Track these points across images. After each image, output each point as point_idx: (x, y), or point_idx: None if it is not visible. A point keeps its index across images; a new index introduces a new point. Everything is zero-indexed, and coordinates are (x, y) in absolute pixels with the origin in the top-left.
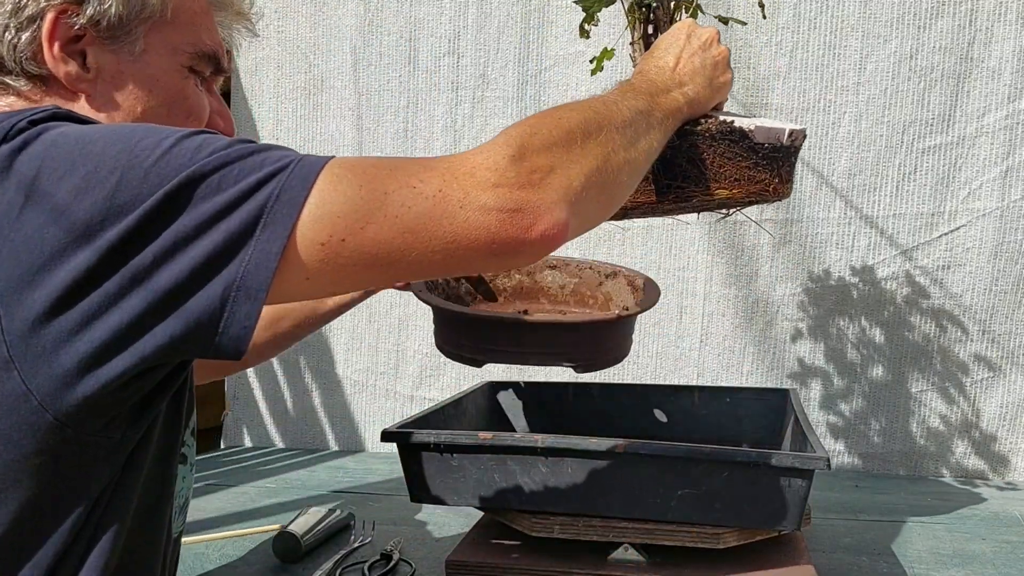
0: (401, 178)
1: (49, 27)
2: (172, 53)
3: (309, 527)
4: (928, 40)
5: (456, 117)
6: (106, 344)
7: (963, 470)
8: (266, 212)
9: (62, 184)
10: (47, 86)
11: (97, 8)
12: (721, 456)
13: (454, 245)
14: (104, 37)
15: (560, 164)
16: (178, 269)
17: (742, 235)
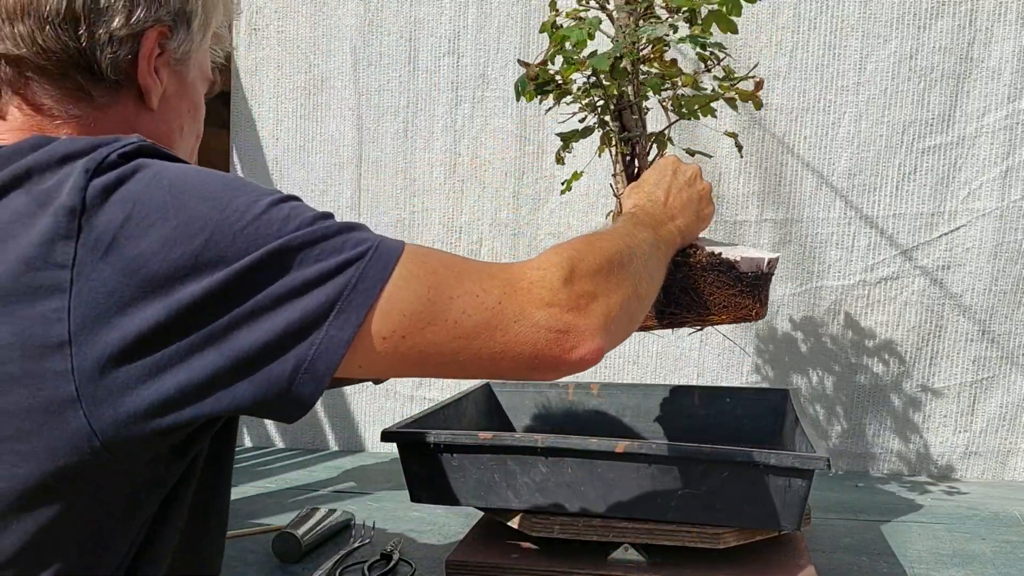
0: (466, 284)
1: (150, 45)
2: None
3: (309, 527)
4: (928, 40)
5: (456, 117)
6: (173, 397)
7: (963, 470)
8: (342, 298)
9: (150, 233)
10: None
11: (182, 36)
12: (721, 456)
13: (501, 355)
14: (175, 61)
15: (602, 292)
16: (253, 338)
17: (742, 235)
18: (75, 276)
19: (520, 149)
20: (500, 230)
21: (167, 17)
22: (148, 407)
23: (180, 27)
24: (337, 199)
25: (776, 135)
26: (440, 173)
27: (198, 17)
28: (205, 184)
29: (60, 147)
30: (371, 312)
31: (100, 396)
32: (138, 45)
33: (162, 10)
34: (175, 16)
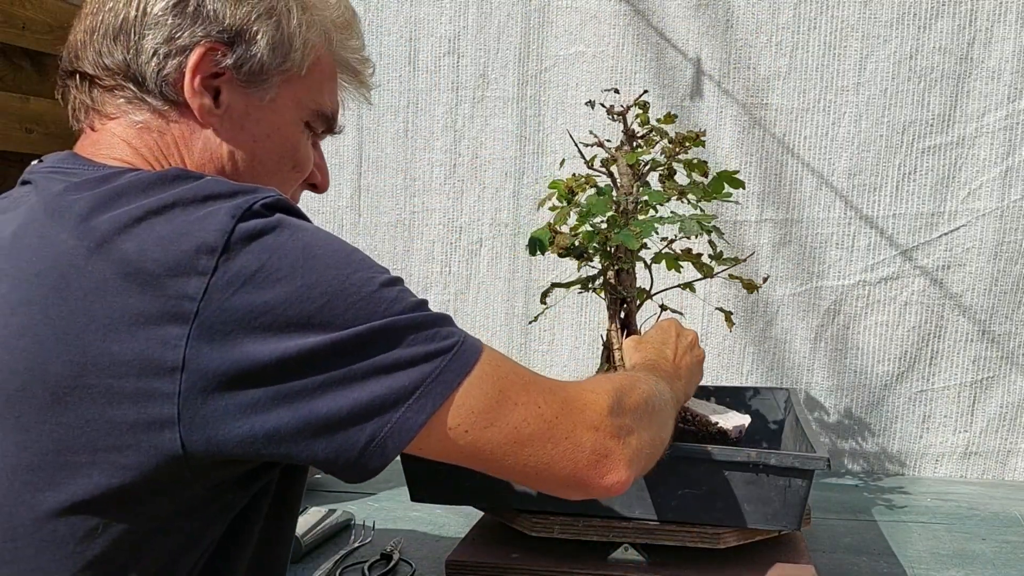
0: (531, 395)
1: (196, 60)
2: (296, 106)
3: (309, 527)
4: (928, 40)
5: (456, 117)
6: (259, 437)
7: (963, 470)
8: (424, 384)
9: (278, 286)
10: (180, 111)
11: (244, 54)
12: (721, 456)
13: (545, 467)
14: (242, 80)
15: (638, 427)
16: (340, 402)
17: (742, 235)
18: (201, 309)
19: (520, 149)
20: (500, 230)
21: (219, 34)
22: (236, 440)
23: (239, 45)
24: (337, 199)
25: (776, 135)
26: (440, 173)
27: (267, 36)
28: (334, 253)
29: (205, 186)
30: (447, 402)
31: (197, 422)
32: (186, 59)
33: (213, 27)
34: (232, 34)
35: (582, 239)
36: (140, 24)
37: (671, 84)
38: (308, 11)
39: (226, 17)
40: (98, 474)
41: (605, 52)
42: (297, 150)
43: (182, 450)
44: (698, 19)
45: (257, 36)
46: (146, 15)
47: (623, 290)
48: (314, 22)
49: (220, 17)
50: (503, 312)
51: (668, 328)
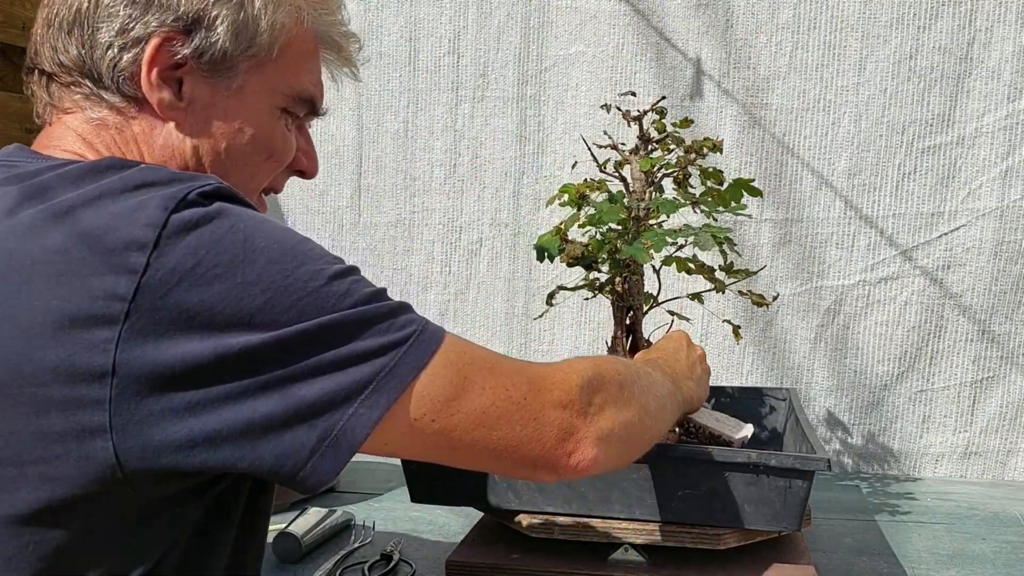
0: (497, 378)
1: (151, 52)
2: (269, 93)
3: (309, 527)
4: (928, 40)
5: (456, 117)
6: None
7: (963, 470)
8: (377, 379)
9: (215, 284)
10: (139, 106)
11: (204, 41)
12: (721, 457)
13: (515, 448)
14: (204, 69)
15: (612, 406)
16: (287, 400)
17: (742, 235)
18: (132, 310)
19: (520, 149)
20: (500, 230)
21: (174, 23)
22: (174, 445)
23: (197, 32)
24: (337, 199)
25: (776, 135)
26: (440, 173)
27: (227, 21)
28: (277, 245)
29: (138, 174)
30: (404, 395)
31: (131, 428)
32: (142, 51)
33: (168, 15)
34: (188, 21)
35: (591, 248)
36: (93, 16)
37: (671, 84)
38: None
39: (181, 3)
40: (28, 488)
41: (605, 52)
42: (272, 140)
43: (115, 459)
44: (698, 19)
45: (216, 21)
46: (98, 6)
47: (630, 298)
48: (283, 2)
49: (175, 4)
50: (503, 312)
51: (679, 339)
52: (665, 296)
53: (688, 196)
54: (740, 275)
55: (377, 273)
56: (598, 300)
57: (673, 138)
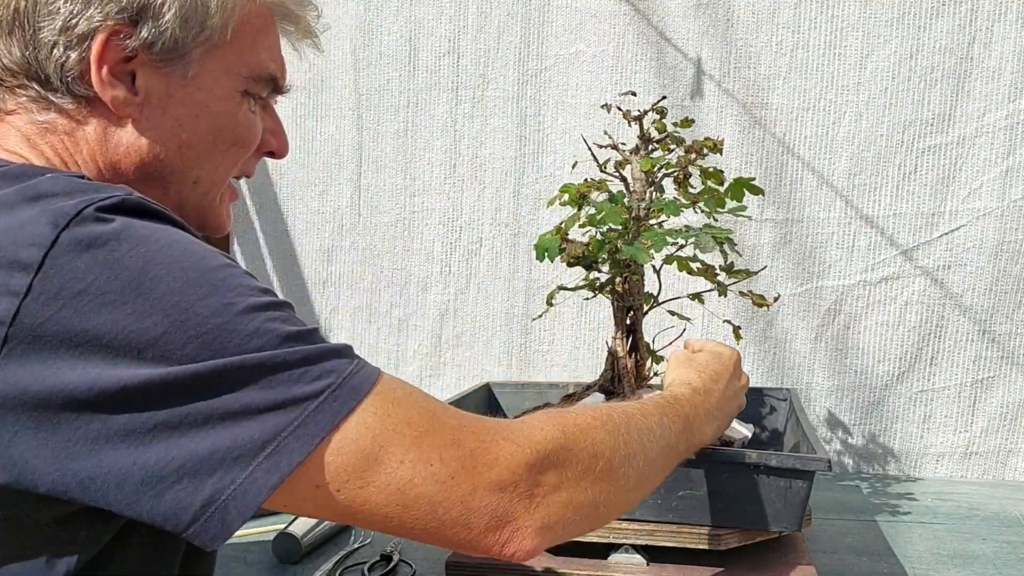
0: (424, 450)
1: (99, 48)
2: (226, 76)
3: (309, 528)
4: (928, 40)
5: (456, 117)
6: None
7: (963, 470)
8: (279, 438)
9: (103, 313)
10: (92, 107)
11: (153, 31)
12: (721, 457)
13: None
14: (156, 60)
15: (571, 486)
16: (171, 451)
17: (742, 235)
18: (9, 335)
19: (520, 148)
20: (500, 229)
21: (119, 14)
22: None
23: (145, 21)
24: (337, 199)
25: (776, 135)
26: (440, 172)
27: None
28: (181, 272)
29: (41, 185)
30: (310, 459)
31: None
32: (89, 48)
33: (112, 6)
34: (134, 11)
35: (592, 248)
36: (32, 14)
37: (671, 83)
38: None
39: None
40: None
41: (605, 52)
42: (236, 126)
43: None
44: (698, 18)
45: (164, 8)
46: (37, 4)
47: (631, 298)
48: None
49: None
50: (503, 312)
51: (729, 360)
52: (665, 296)
53: (689, 196)
54: (741, 275)
55: (377, 273)
56: (598, 300)
57: (673, 138)
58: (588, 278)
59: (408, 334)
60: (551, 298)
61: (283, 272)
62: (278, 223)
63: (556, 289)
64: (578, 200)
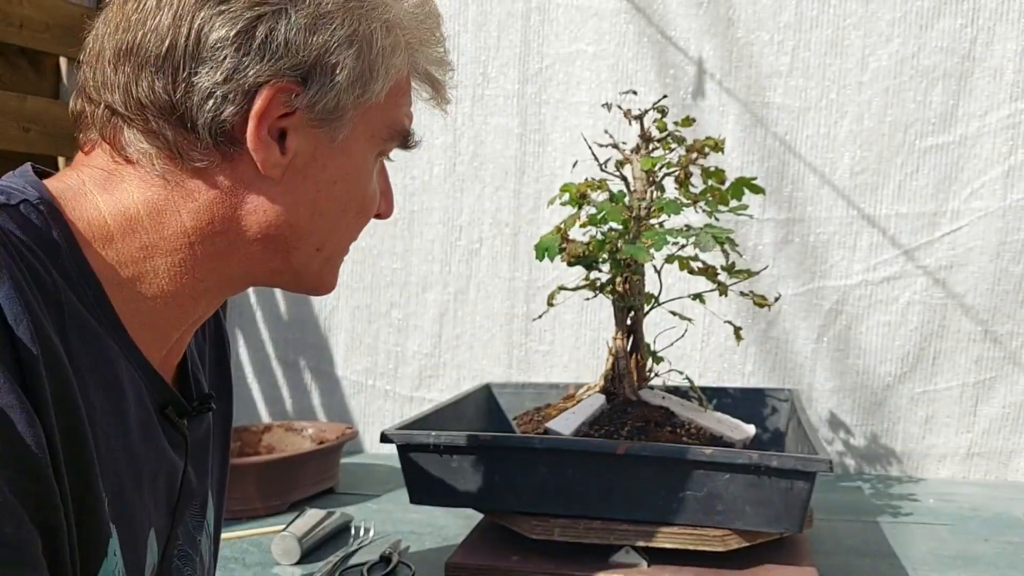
0: None
1: (263, 105)
2: (370, 140)
3: (308, 528)
4: (930, 39)
5: (456, 115)
6: None
7: (965, 471)
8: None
9: None
10: (229, 162)
11: (319, 91)
12: (723, 458)
13: None
14: (313, 120)
15: None
16: None
17: (744, 235)
18: None
19: (520, 147)
20: (500, 229)
21: (291, 71)
22: None
23: (314, 80)
24: None
25: (778, 134)
26: (440, 171)
27: (347, 68)
28: None
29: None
30: None
31: None
32: (250, 103)
33: (284, 62)
34: (307, 69)
35: (592, 248)
36: (193, 56)
37: (672, 82)
38: (392, 32)
39: (300, 49)
40: None
41: (606, 50)
42: (366, 192)
43: None
44: (700, 17)
45: (336, 70)
46: (200, 44)
47: (631, 298)
48: (399, 44)
49: (293, 50)
50: (503, 312)
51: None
52: (666, 296)
53: (690, 196)
54: (742, 275)
55: (377, 273)
56: (598, 300)
57: (674, 137)
58: (588, 278)
59: (408, 334)
60: (551, 298)
61: None
62: None
63: (556, 289)
64: (578, 200)
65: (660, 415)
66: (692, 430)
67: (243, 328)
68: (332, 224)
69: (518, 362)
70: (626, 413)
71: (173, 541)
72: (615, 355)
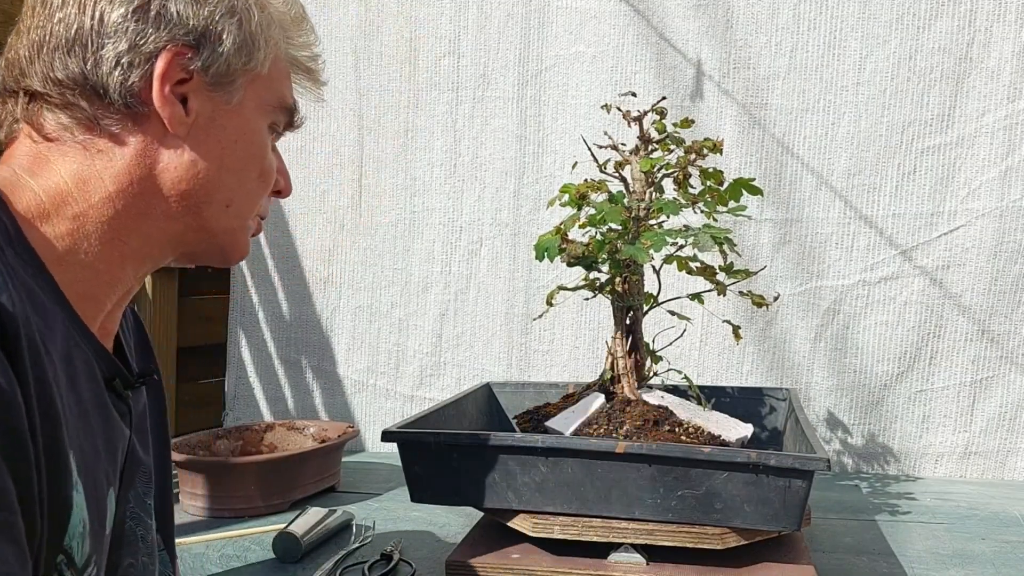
0: None
1: (164, 67)
2: (260, 108)
3: (309, 527)
4: (927, 40)
5: (456, 117)
6: None
7: (962, 470)
8: None
9: None
10: (140, 124)
11: (211, 54)
12: (721, 457)
13: None
14: (209, 83)
15: None
16: None
17: (742, 235)
18: None
19: (520, 149)
20: (500, 230)
21: (185, 36)
22: None
23: (205, 46)
24: (338, 199)
25: (775, 135)
26: (440, 173)
27: (232, 35)
28: None
29: None
30: None
31: None
32: (151, 67)
33: (177, 29)
34: (198, 35)
35: (592, 248)
36: (98, 33)
37: (671, 84)
38: (265, 9)
39: (190, 18)
40: None
41: (605, 52)
42: (264, 157)
43: None
44: (698, 19)
45: (222, 36)
46: (104, 23)
47: (630, 298)
48: (272, 20)
49: (184, 19)
50: (503, 312)
51: None
52: (665, 296)
53: (688, 196)
54: (740, 275)
55: (378, 273)
56: (598, 300)
57: (673, 138)
58: (588, 278)
59: (408, 334)
60: (551, 298)
61: (284, 272)
62: (279, 223)
63: (556, 289)
64: (578, 200)
65: (659, 414)
66: (690, 429)
67: (245, 328)
68: (238, 181)
69: (518, 361)
70: (625, 412)
71: (124, 503)
72: (614, 354)
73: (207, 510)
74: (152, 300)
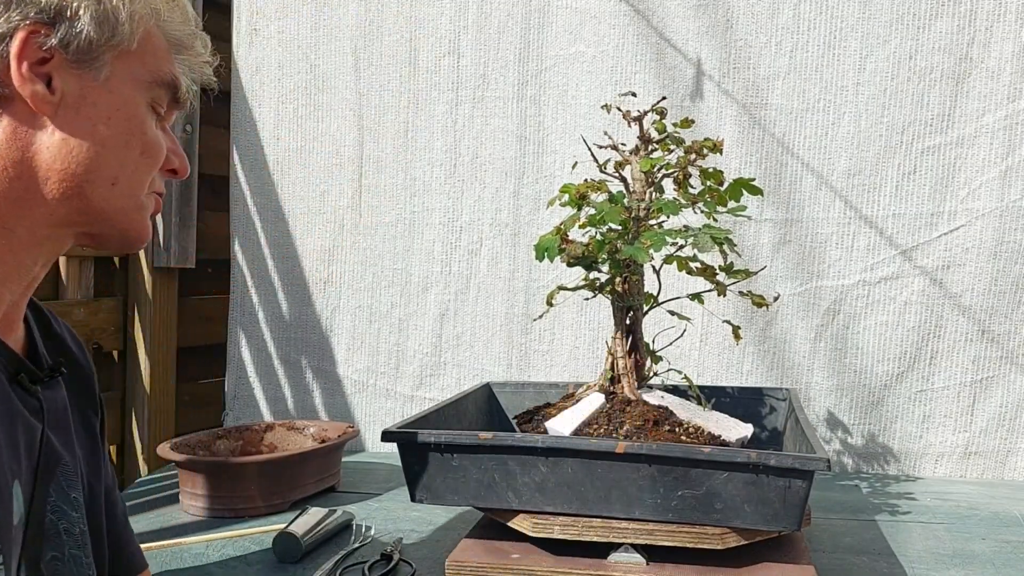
0: None
1: (19, 46)
2: (134, 83)
3: (309, 527)
4: (927, 40)
5: (456, 117)
6: None
7: (963, 470)
8: None
9: None
10: (6, 107)
11: (68, 31)
12: (721, 457)
13: None
14: (72, 61)
15: None
16: None
17: (742, 235)
18: None
19: (520, 149)
20: (500, 230)
21: (38, 15)
22: None
23: (61, 23)
24: (338, 198)
25: (776, 135)
26: (440, 173)
27: (89, 11)
28: None
29: None
30: None
31: None
32: (8, 47)
33: (30, 8)
34: (52, 13)
35: (592, 248)
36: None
37: (671, 84)
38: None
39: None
40: None
41: (605, 52)
42: (144, 133)
43: None
44: (698, 19)
45: (79, 12)
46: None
47: (630, 298)
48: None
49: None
50: (503, 312)
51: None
52: (665, 296)
53: (688, 196)
54: (740, 275)
55: (378, 273)
56: (598, 300)
57: (673, 138)
58: (588, 278)
59: (408, 334)
60: (551, 298)
61: (284, 272)
62: (279, 223)
63: (556, 289)
64: (578, 200)
65: (659, 414)
66: (691, 429)
67: (245, 328)
68: (118, 159)
69: (518, 361)
70: (625, 412)
71: (44, 497)
72: (614, 354)
73: (207, 510)
74: (152, 300)
